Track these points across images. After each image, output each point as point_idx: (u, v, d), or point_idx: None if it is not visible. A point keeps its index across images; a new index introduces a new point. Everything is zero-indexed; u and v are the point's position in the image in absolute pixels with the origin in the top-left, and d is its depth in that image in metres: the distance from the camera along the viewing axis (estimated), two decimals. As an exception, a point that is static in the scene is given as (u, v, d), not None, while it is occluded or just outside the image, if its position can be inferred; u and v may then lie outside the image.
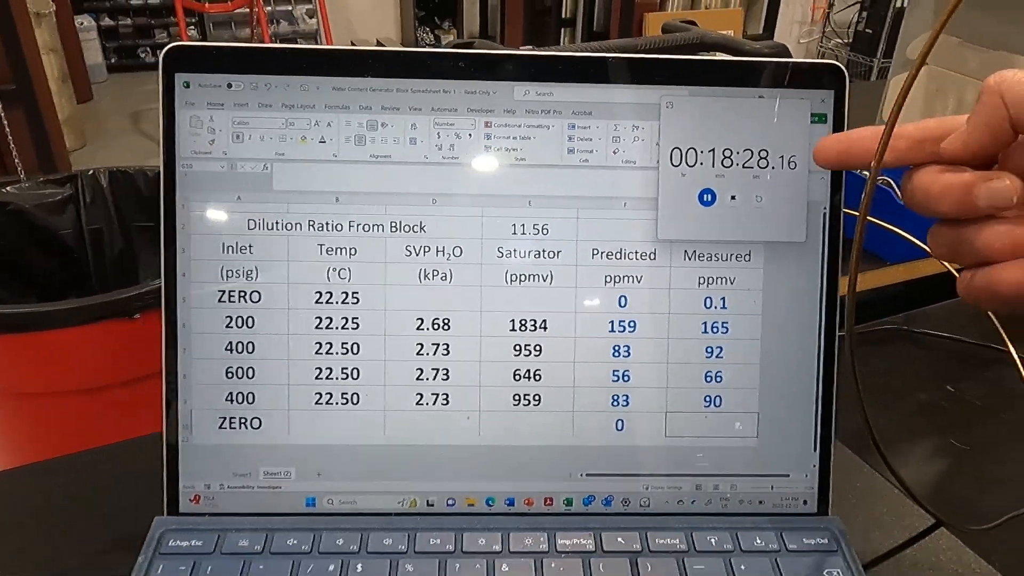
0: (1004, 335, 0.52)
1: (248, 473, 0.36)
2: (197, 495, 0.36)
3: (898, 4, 3.77)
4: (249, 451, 0.36)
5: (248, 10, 3.72)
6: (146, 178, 1.36)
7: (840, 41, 4.28)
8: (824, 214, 0.36)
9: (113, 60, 4.31)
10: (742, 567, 0.34)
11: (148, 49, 4.39)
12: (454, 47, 0.88)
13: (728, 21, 4.11)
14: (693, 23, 1.27)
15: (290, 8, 5.04)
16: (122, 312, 1.08)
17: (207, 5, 3.68)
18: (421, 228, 0.35)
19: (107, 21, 4.29)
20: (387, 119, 0.34)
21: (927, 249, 0.30)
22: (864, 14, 4.01)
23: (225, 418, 0.35)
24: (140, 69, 4.32)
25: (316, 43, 6.00)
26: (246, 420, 0.35)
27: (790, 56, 0.93)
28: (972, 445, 0.49)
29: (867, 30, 3.99)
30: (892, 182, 0.37)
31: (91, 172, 1.33)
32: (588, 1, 4.52)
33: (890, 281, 0.73)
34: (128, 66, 4.33)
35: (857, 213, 0.28)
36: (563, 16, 4.83)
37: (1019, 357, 0.51)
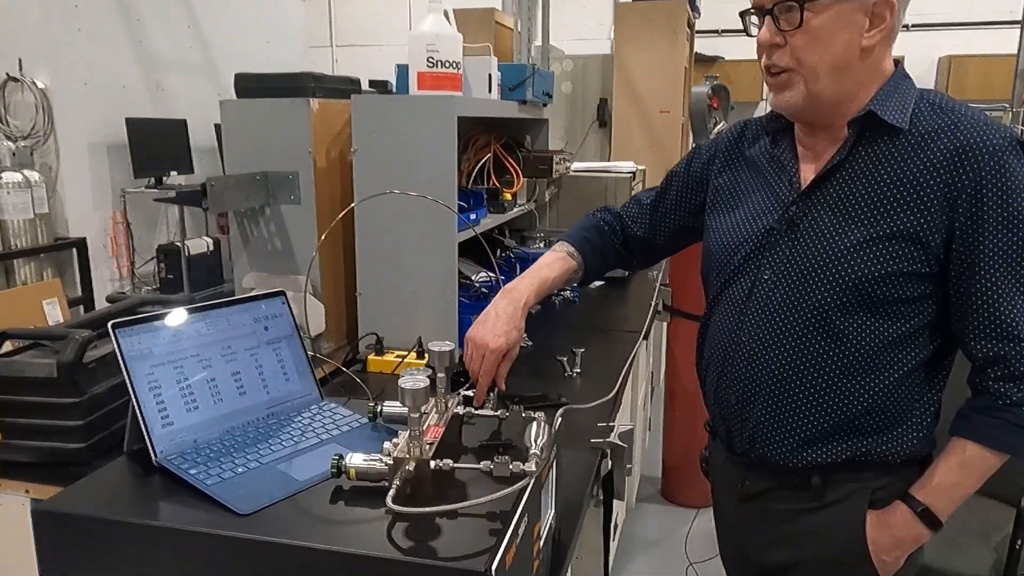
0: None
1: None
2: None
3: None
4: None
5: None
6: None
7: (149, 288, 5.34)
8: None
9: None
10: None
11: None
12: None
13: (51, 290, 4.73)
14: (126, 294, 2.22)
15: None
16: None
17: None
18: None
19: None
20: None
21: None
22: (163, 265, 5.20)
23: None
24: None
25: None
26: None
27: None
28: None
29: (169, 276, 5.18)
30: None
31: None
32: None
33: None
34: None
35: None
36: None
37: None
